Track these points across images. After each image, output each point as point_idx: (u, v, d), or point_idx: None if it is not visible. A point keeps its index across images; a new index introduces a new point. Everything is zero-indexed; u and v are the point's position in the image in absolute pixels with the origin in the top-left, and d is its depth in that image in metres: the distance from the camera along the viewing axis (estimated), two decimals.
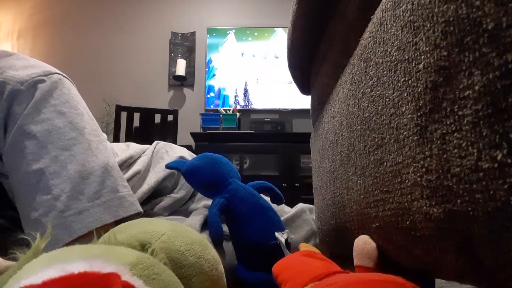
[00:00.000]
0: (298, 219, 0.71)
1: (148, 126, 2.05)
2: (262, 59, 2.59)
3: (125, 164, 0.66)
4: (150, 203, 0.67)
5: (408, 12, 0.23)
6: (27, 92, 0.46)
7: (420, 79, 0.22)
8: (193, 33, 2.71)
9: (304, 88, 0.71)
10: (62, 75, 0.52)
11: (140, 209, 0.51)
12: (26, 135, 0.45)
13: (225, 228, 0.57)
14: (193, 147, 2.14)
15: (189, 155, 0.75)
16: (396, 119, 0.26)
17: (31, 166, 0.44)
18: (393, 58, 0.26)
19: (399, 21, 0.24)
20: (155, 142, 0.76)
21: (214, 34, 2.63)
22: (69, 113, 0.48)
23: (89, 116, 0.53)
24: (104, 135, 0.64)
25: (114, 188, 0.48)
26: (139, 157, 0.70)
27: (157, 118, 2.08)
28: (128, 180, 0.63)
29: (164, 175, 0.68)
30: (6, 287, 0.19)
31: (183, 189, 0.71)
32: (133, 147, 0.72)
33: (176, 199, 0.69)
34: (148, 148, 0.74)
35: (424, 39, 0.21)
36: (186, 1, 2.77)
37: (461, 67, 0.18)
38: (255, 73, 2.57)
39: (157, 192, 0.68)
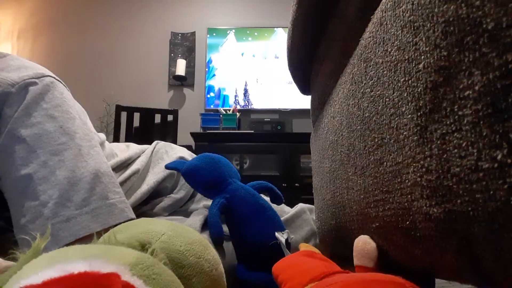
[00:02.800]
0: (298, 219, 0.71)
1: (148, 126, 2.05)
2: (262, 59, 2.59)
3: (124, 165, 0.66)
4: (149, 204, 0.67)
5: (408, 12, 0.23)
6: (17, 94, 0.45)
7: (420, 79, 0.22)
8: (193, 33, 2.71)
9: (304, 88, 0.71)
10: (55, 78, 0.51)
11: (132, 216, 0.50)
12: (16, 139, 0.44)
13: (225, 228, 0.57)
14: (193, 147, 2.14)
15: (189, 155, 0.75)
16: (396, 119, 0.26)
17: (19, 171, 0.43)
18: (393, 58, 0.26)
19: (399, 21, 0.24)
20: (155, 142, 0.76)
21: (214, 34, 2.63)
22: (60, 117, 0.47)
23: (81, 121, 0.51)
24: (102, 135, 0.64)
25: (103, 195, 0.47)
26: (138, 157, 0.70)
27: (157, 118, 2.08)
28: (126, 179, 0.63)
29: (163, 176, 0.68)
30: (6, 287, 0.19)
31: (182, 189, 0.70)
32: (133, 148, 0.71)
33: (175, 200, 0.69)
34: (147, 148, 0.74)
35: (424, 39, 0.21)
36: (186, 1, 2.77)
37: (461, 67, 0.18)
38: (255, 73, 2.57)
39: (156, 193, 0.68)
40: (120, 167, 0.65)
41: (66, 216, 0.43)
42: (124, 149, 0.71)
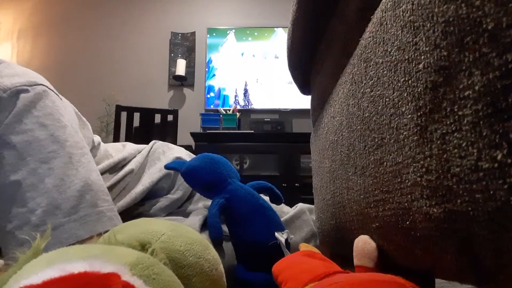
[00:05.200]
0: (297, 220, 0.71)
1: (148, 126, 2.05)
2: (262, 59, 2.59)
3: (118, 166, 0.66)
4: (146, 204, 0.67)
5: (408, 12, 0.23)
6: (9, 100, 0.45)
7: (420, 79, 0.22)
8: (193, 33, 2.71)
9: (304, 88, 0.71)
10: (47, 87, 0.51)
11: (120, 224, 0.50)
12: (5, 145, 0.44)
13: (224, 228, 0.57)
14: (193, 147, 2.14)
15: (186, 155, 0.75)
16: (396, 119, 0.26)
17: (8, 178, 0.43)
18: (393, 58, 0.26)
19: (399, 21, 0.24)
20: (152, 141, 0.76)
21: (214, 34, 2.63)
22: (51, 125, 0.48)
23: (73, 129, 0.52)
24: (97, 137, 0.64)
25: (93, 202, 0.47)
26: (134, 157, 0.69)
27: (157, 118, 2.08)
28: (120, 180, 0.63)
29: (159, 176, 0.68)
30: (6, 287, 0.19)
31: (180, 190, 0.70)
32: (129, 148, 0.71)
33: (172, 200, 0.68)
34: (144, 148, 0.73)
35: (424, 39, 0.21)
36: (186, 1, 2.77)
37: (461, 67, 0.18)
38: (255, 73, 2.57)
39: (152, 193, 0.68)
40: (114, 168, 0.65)
41: (53, 224, 0.43)
42: (120, 149, 0.70)
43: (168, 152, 0.74)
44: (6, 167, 0.43)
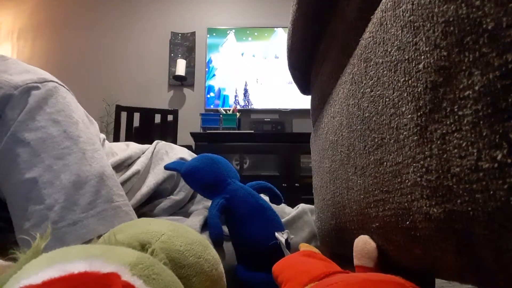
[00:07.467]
0: (299, 220, 0.71)
1: (148, 126, 2.05)
2: (262, 59, 2.59)
3: (124, 164, 0.66)
4: (149, 205, 0.67)
5: (408, 12, 0.23)
6: (20, 97, 0.45)
7: (420, 79, 0.22)
8: (193, 33, 2.71)
9: (304, 88, 0.71)
10: (57, 83, 0.51)
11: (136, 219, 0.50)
12: (19, 143, 0.44)
13: (225, 228, 0.57)
14: (193, 147, 2.14)
15: (189, 156, 0.75)
16: (396, 119, 0.26)
17: (23, 175, 0.43)
18: (393, 58, 0.26)
19: (399, 21, 0.24)
20: (155, 142, 0.76)
21: (214, 34, 2.63)
22: (63, 121, 0.48)
23: (84, 125, 0.52)
24: (101, 135, 0.64)
25: (109, 198, 0.47)
26: (139, 157, 0.70)
27: (157, 118, 2.08)
28: (127, 180, 0.63)
29: (163, 177, 0.68)
30: (6, 287, 0.19)
31: (182, 191, 0.70)
32: (133, 147, 0.71)
33: (175, 201, 0.69)
34: (148, 148, 0.73)
35: (424, 39, 0.21)
36: (186, 1, 2.77)
37: (461, 67, 0.18)
38: (255, 73, 2.57)
39: (156, 194, 0.68)
40: (120, 166, 0.65)
41: (72, 219, 0.43)
42: (124, 148, 0.70)
43: (171, 152, 0.74)
44: (21, 165, 0.43)
